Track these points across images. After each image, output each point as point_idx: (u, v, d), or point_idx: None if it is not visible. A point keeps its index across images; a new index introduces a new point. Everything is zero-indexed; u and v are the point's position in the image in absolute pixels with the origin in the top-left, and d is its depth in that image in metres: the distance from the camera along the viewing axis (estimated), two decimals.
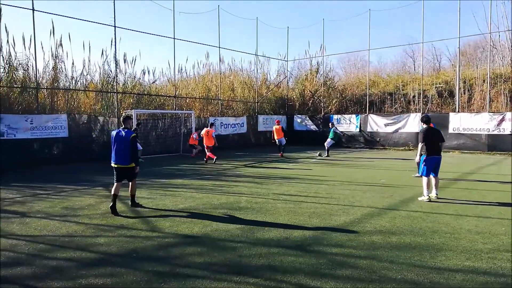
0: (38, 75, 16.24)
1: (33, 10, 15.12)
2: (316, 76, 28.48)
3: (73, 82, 18.50)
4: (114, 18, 17.72)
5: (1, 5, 15.03)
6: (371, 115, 23.63)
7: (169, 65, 35.33)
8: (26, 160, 14.19)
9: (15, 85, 16.24)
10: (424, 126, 8.36)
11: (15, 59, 16.27)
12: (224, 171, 13.09)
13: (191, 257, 4.77)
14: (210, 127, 15.71)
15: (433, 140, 8.08)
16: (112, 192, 7.06)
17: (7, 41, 16.08)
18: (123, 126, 7.28)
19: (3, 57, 15.98)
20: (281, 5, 60.10)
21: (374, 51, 27.83)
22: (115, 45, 18.11)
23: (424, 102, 23.28)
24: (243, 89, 26.46)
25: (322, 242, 5.33)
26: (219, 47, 23.33)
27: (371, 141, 23.52)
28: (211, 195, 8.68)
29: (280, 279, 4.09)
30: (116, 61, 18.60)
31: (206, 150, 15.44)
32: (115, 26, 17.80)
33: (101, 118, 17.57)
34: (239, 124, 24.02)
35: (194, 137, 18.17)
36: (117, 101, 18.50)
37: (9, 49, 16.06)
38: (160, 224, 6.28)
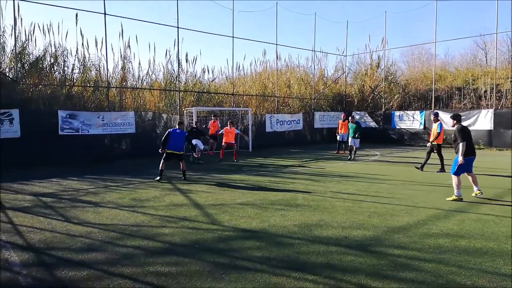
0: (108, 74, 17.47)
1: (105, 14, 16.27)
2: (376, 71, 27.43)
3: (140, 81, 19.68)
4: (177, 19, 18.49)
5: (77, 11, 16.37)
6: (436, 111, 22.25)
7: (228, 63, 36.15)
8: (98, 154, 15.35)
9: (88, 85, 17.65)
10: (457, 124, 8.02)
11: (89, 60, 17.69)
12: (280, 168, 13.13)
13: (250, 250, 4.87)
14: (231, 125, 15.39)
15: (471, 139, 7.84)
16: (160, 168, 10.31)
17: (82, 44, 17.51)
18: (178, 128, 10.74)
19: (78, 58, 17.45)
20: None
21: (441, 43, 25.97)
22: (178, 45, 18.91)
23: (497, 98, 21.41)
24: (299, 86, 26.28)
25: (383, 243, 5.16)
26: (276, 44, 23.37)
27: None
28: (268, 191, 8.77)
29: (340, 278, 4.04)
30: (178, 61, 19.43)
31: (223, 146, 15.24)
32: (178, 27, 18.56)
33: (164, 115, 18.50)
34: (295, 121, 23.90)
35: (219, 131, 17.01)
36: (179, 99, 19.33)
37: (83, 51, 17.49)
38: (219, 217, 6.48)
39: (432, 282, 3.90)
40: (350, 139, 15.54)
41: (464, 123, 20.44)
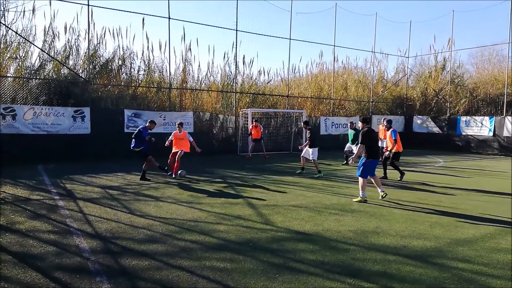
0: (170, 76, 18.31)
1: (169, 18, 17.09)
2: (441, 74, 25.90)
3: (199, 83, 20.40)
4: (236, 22, 18.90)
5: (144, 15, 17.38)
6: (508, 117, 20.49)
7: (283, 65, 36.23)
8: (160, 152, 16.13)
9: (152, 86, 18.64)
10: (364, 127, 8.00)
11: (153, 62, 18.70)
12: (334, 171, 12.89)
13: (304, 253, 4.85)
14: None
15: (374, 142, 7.90)
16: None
17: (147, 47, 18.57)
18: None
19: (143, 60, 18.51)
20: None
21: None
22: (236, 47, 19.33)
23: None
24: (357, 88, 25.59)
25: (446, 255, 4.86)
26: (334, 46, 22.98)
27: (507, 148, 20.41)
28: (321, 195, 8.65)
29: (398, 287, 3.88)
30: (236, 63, 19.85)
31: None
32: (236, 30, 18.97)
33: (221, 116, 19.00)
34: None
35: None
36: (235, 100, 19.74)
37: (148, 54, 18.53)
38: (273, 218, 6.52)
39: None
40: (348, 145, 14.77)
41: None
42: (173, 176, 10.72)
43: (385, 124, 12.26)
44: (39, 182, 9.65)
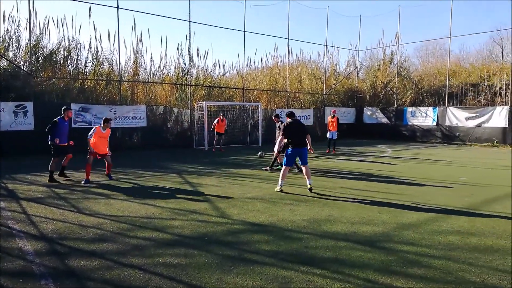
0: (120, 68, 17.62)
1: (118, 8, 16.38)
2: (389, 66, 27.12)
3: (151, 75, 19.82)
4: (189, 13, 18.53)
5: (90, 4, 16.51)
6: (450, 107, 21.94)
7: (239, 57, 36.19)
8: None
9: (101, 78, 17.84)
10: (288, 120, 8.40)
11: (101, 54, 17.87)
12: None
13: (259, 244, 4.90)
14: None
15: (297, 133, 8.16)
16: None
17: (95, 38, 17.71)
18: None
19: (91, 52, 17.64)
20: None
21: (456, 38, 25.76)
22: (190, 39, 18.97)
23: None
24: (310, 81, 26.14)
25: (392, 239, 5.13)
26: (288, 39, 23.27)
27: (449, 136, 21.88)
28: (277, 186, 8.76)
29: (348, 272, 4.03)
30: (190, 55, 19.49)
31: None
32: (190, 21, 18.61)
33: (175, 109, 18.62)
34: (305, 116, 23.79)
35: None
36: (190, 93, 19.42)
37: (96, 45, 17.68)
38: (229, 211, 6.52)
39: (441, 279, 3.87)
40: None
41: (478, 120, 20.31)
42: (109, 179, 9.48)
43: (274, 118, 12.50)
44: None
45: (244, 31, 20.90)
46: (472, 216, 6.28)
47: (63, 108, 9.55)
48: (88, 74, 17.97)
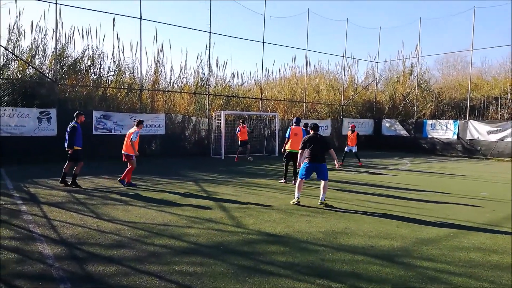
0: (141, 77, 17.99)
1: (141, 19, 16.80)
2: (409, 78, 26.82)
3: (171, 85, 20.16)
4: (210, 24, 18.82)
5: (115, 15, 17.01)
6: (471, 121, 21.46)
7: (257, 68, 36.39)
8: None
9: (122, 87, 18.25)
10: (311, 133, 8.30)
11: (124, 63, 18.32)
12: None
13: (274, 255, 4.87)
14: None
15: (314, 147, 7.98)
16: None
17: (118, 47, 18.17)
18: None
19: (114, 61, 18.10)
20: (373, 5, 57.76)
21: (478, 51, 25.26)
22: (209, 49, 19.24)
23: None
24: (328, 92, 26.06)
25: (411, 254, 5.02)
26: (307, 50, 23.33)
27: (470, 150, 21.37)
28: (293, 197, 8.71)
29: (365, 287, 3.97)
30: (209, 65, 19.76)
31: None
32: (210, 32, 18.89)
33: (193, 118, 18.84)
34: (322, 127, 23.65)
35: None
36: (208, 103, 19.63)
37: (119, 54, 18.13)
38: (244, 220, 6.51)
39: None
40: None
41: (500, 134, 19.78)
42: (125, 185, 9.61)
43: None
44: (0, 186, 9.21)
45: (263, 42, 21.08)
46: (493, 232, 6.10)
47: (76, 113, 9.73)
48: (110, 82, 18.42)
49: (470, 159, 20.32)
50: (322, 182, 8.09)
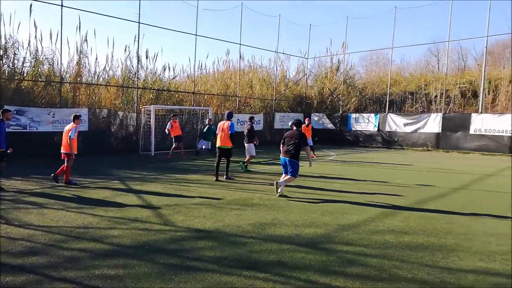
0: (62, 69, 16.64)
1: (62, 6, 15.50)
2: (336, 74, 28.23)
3: (96, 77, 18.91)
4: (139, 14, 17.95)
5: (32, 1, 15.46)
6: (390, 114, 23.26)
7: (190, 61, 35.59)
8: (48, 153, 14.59)
9: (39, 79, 16.72)
10: (293, 129, 8.50)
11: (42, 53, 16.75)
12: (239, 167, 13.13)
13: (202, 251, 4.82)
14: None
15: (288, 142, 8.29)
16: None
17: (35, 36, 16.57)
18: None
19: (30, 51, 16.48)
20: (304, 3, 59.71)
21: (398, 49, 27.32)
22: (138, 41, 18.38)
23: (446, 102, 22.75)
24: (261, 86, 26.45)
25: (333, 240, 5.30)
26: (240, 44, 23.40)
27: (389, 141, 23.17)
28: (224, 191, 8.73)
29: (289, 274, 4.09)
30: (138, 57, 18.88)
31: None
32: (139, 22, 18.04)
33: (120, 113, 17.91)
34: (256, 122, 24.01)
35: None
36: (137, 96, 18.79)
37: (36, 44, 16.55)
38: (173, 218, 6.36)
39: (375, 277, 4.05)
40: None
41: (414, 126, 21.72)
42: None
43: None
44: None
45: (196, 34, 20.70)
46: (406, 215, 6.67)
47: (2, 110, 8.77)
48: (25, 74, 16.76)
49: (388, 150, 22.04)
50: (284, 175, 8.38)
